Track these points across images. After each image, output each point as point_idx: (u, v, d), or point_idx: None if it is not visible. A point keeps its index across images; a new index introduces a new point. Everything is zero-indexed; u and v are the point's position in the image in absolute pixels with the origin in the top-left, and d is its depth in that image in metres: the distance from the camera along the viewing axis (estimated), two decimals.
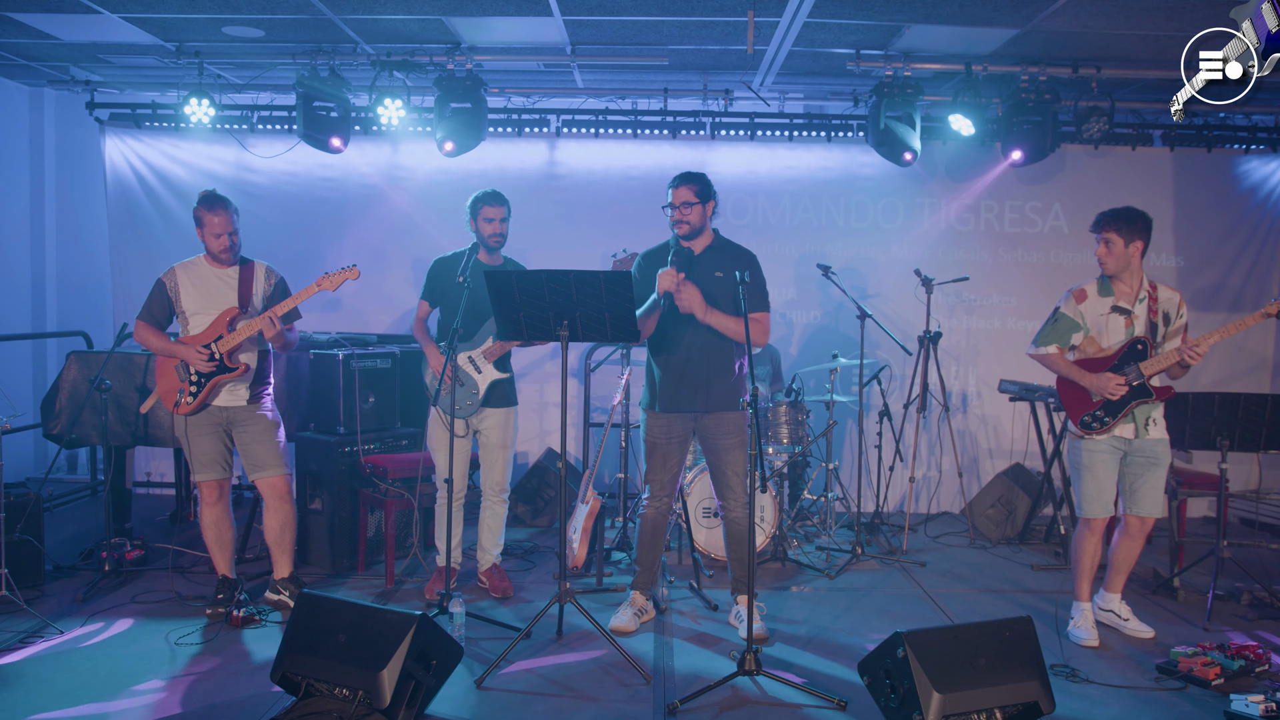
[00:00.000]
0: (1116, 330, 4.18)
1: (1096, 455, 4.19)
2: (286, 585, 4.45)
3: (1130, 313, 4.17)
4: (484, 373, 4.60)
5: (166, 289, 4.30)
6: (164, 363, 4.29)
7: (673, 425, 4.22)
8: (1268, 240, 7.00)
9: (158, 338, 4.29)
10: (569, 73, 6.40)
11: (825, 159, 6.94)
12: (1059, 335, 4.26)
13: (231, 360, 4.22)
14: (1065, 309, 4.26)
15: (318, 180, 6.90)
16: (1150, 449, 4.17)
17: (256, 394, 4.37)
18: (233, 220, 4.26)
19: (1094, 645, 4.21)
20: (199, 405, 4.24)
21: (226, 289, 4.30)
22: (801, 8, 4.97)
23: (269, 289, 4.41)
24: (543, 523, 6.28)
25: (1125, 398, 4.12)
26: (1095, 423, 4.17)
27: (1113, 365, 4.15)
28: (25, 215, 7.12)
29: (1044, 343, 4.29)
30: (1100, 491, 4.20)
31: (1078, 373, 4.19)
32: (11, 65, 6.44)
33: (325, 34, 5.67)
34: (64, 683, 3.64)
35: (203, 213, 4.23)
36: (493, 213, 4.54)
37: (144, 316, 4.30)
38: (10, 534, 4.43)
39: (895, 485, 6.64)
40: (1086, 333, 4.23)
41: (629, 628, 4.27)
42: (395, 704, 3.15)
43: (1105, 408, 4.15)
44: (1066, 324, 4.25)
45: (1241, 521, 6.58)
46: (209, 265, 4.33)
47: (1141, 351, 4.13)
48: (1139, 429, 4.16)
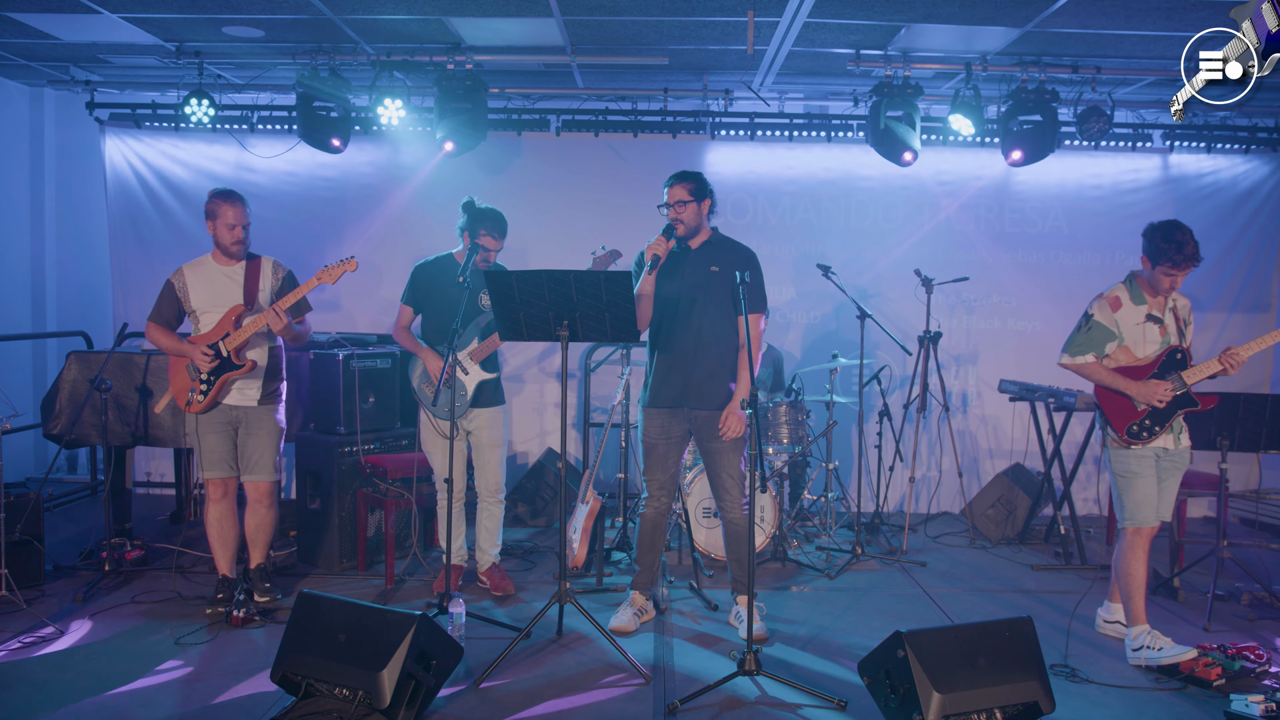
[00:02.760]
0: (1152, 340, 4.09)
1: (1143, 463, 4.07)
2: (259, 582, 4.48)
3: (1163, 321, 4.10)
4: (471, 373, 4.61)
5: (175, 289, 4.34)
6: (176, 362, 4.34)
7: (669, 424, 4.22)
8: (1268, 241, 7.00)
9: (167, 337, 4.34)
10: (569, 73, 6.39)
11: (825, 159, 6.94)
12: (1094, 344, 4.13)
13: (239, 357, 4.24)
14: (1099, 316, 4.13)
15: (318, 180, 6.90)
16: (1180, 457, 4.14)
17: (268, 393, 4.40)
18: (245, 214, 4.32)
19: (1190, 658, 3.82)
20: (210, 403, 4.27)
21: (233, 285, 4.34)
22: (801, 8, 4.97)
23: (276, 283, 4.44)
24: (542, 523, 6.27)
25: (1171, 407, 4.03)
26: (1144, 432, 4.05)
27: (1153, 374, 4.06)
28: (25, 215, 7.12)
29: (1079, 352, 4.14)
30: (1148, 499, 4.07)
31: (1123, 381, 4.06)
32: (11, 65, 6.44)
33: (325, 34, 5.67)
34: (64, 683, 3.64)
35: (219, 203, 4.28)
36: (491, 244, 4.56)
37: (154, 317, 4.35)
38: (10, 534, 4.44)
39: (895, 485, 6.64)
40: (1121, 341, 4.12)
41: (629, 628, 4.27)
42: (395, 704, 3.16)
43: (1152, 416, 4.05)
44: (1101, 332, 4.13)
45: (1241, 521, 6.58)
46: (215, 263, 4.37)
47: (1181, 361, 4.06)
48: (1175, 439, 4.11)
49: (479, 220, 4.56)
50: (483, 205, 4.63)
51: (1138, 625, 4.05)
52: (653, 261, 4.02)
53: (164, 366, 5.27)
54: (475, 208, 4.61)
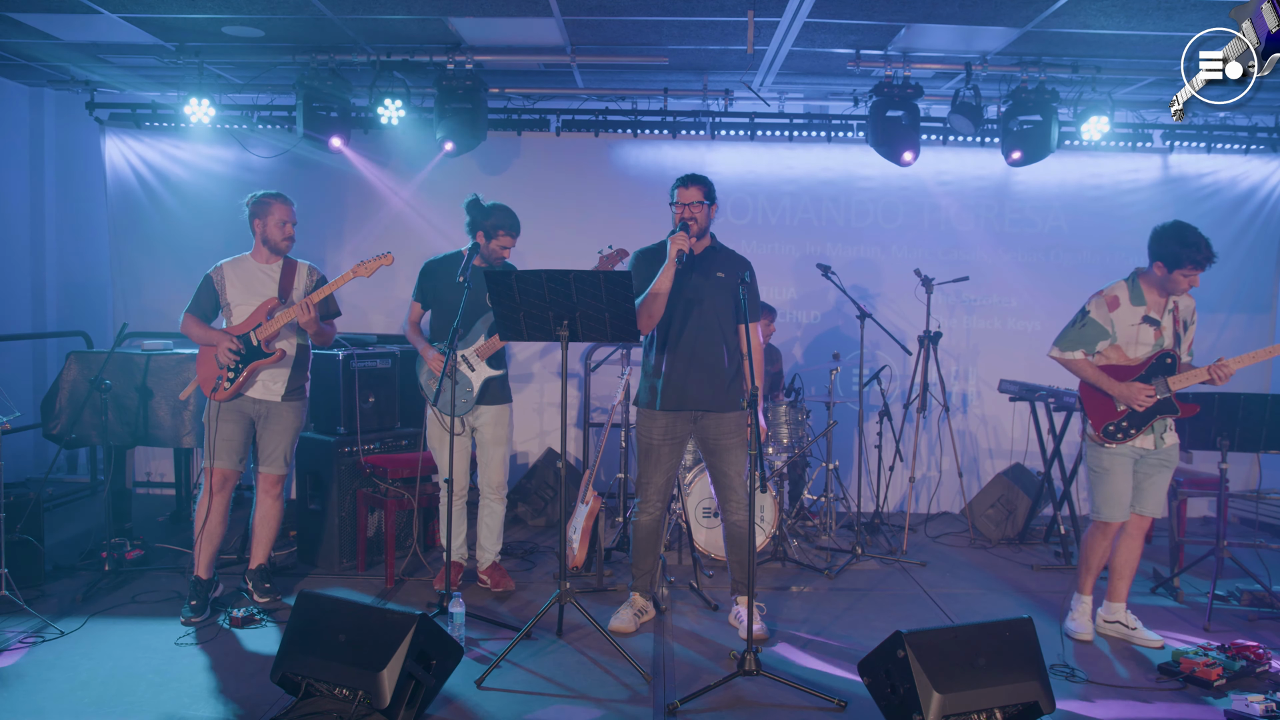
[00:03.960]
0: (1146, 342, 4.12)
1: (1118, 459, 4.15)
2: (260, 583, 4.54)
3: (1159, 324, 4.11)
4: (477, 370, 4.62)
5: (214, 283, 4.48)
6: (205, 351, 4.44)
7: (672, 424, 4.22)
8: (1268, 240, 6.99)
9: (200, 328, 4.45)
10: (569, 73, 6.39)
11: (825, 159, 6.94)
12: (1086, 341, 4.17)
13: (268, 346, 4.37)
14: (1095, 314, 4.16)
15: (318, 180, 6.90)
16: (1164, 454, 4.17)
17: (292, 389, 4.50)
18: (294, 212, 4.52)
19: (1086, 640, 4.24)
20: (235, 392, 4.37)
21: (269, 281, 4.48)
22: (801, 8, 4.97)
23: (310, 285, 4.57)
24: (542, 523, 6.27)
25: (1150, 411, 4.07)
26: (1119, 433, 4.11)
27: (1139, 376, 4.09)
28: (25, 215, 7.12)
29: (1069, 347, 4.19)
30: (1118, 496, 4.16)
31: (1106, 380, 4.11)
32: (11, 65, 6.44)
33: (325, 34, 5.66)
34: (64, 683, 3.64)
35: (271, 202, 4.48)
36: (507, 241, 4.61)
37: (191, 309, 4.48)
38: (10, 534, 4.43)
39: (895, 485, 6.64)
40: (1113, 341, 4.15)
41: (628, 628, 4.27)
42: (395, 704, 3.16)
43: (1130, 419, 4.10)
44: (1095, 330, 4.16)
45: (1241, 521, 6.58)
46: (255, 261, 4.52)
47: (1170, 366, 4.08)
48: (1157, 440, 4.14)
49: (487, 217, 4.57)
50: (489, 202, 4.63)
51: (1080, 594, 4.35)
52: (679, 255, 4.00)
53: (164, 367, 5.29)
54: (481, 205, 4.61)
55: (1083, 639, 4.24)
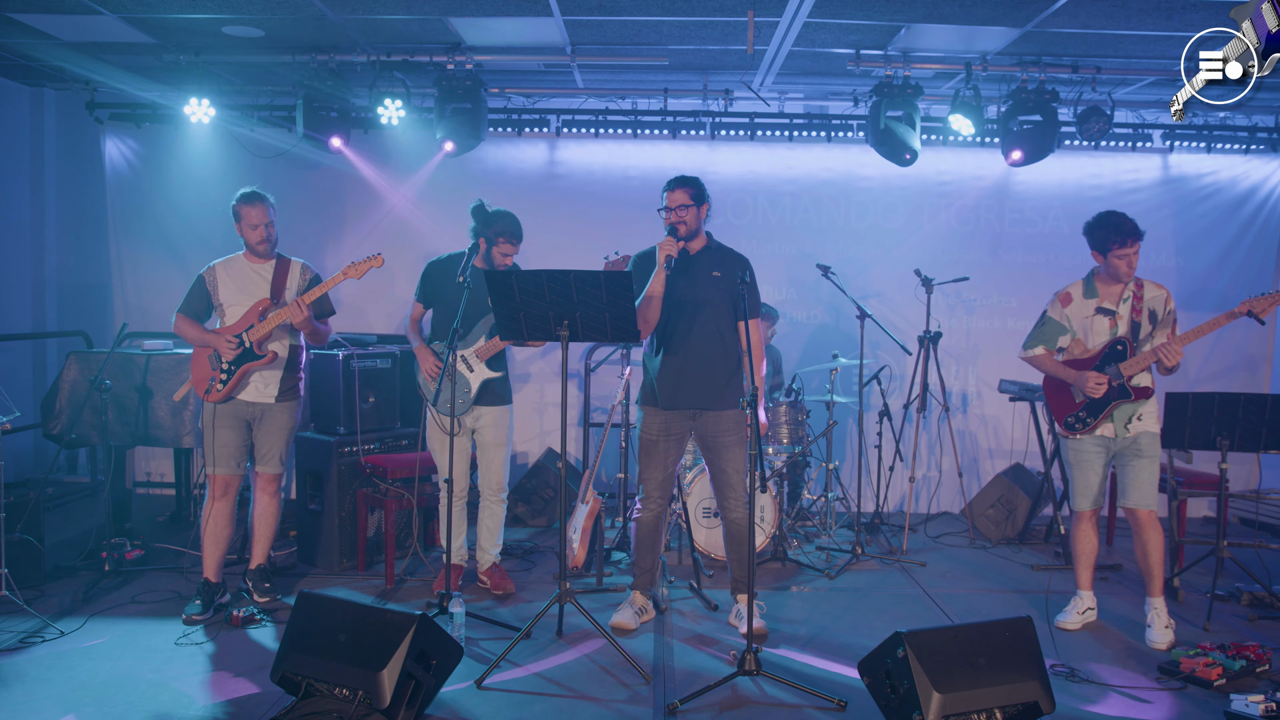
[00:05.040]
0: (1101, 332, 4.28)
1: (1083, 453, 4.32)
2: (260, 583, 4.54)
3: (1114, 313, 4.25)
4: (476, 371, 4.61)
5: (205, 283, 4.46)
6: (199, 352, 4.43)
7: (670, 421, 4.22)
8: (1268, 240, 6.99)
9: (194, 328, 4.43)
10: (569, 73, 6.39)
11: (825, 159, 6.94)
12: (1045, 338, 4.41)
13: (260, 348, 4.34)
14: (1051, 312, 4.41)
15: (317, 180, 6.90)
16: (1134, 444, 4.25)
17: (286, 390, 4.48)
18: (269, 214, 4.44)
19: (1073, 629, 4.39)
20: (228, 394, 4.35)
21: (261, 282, 4.46)
22: (801, 8, 4.97)
23: (303, 284, 4.54)
24: (542, 523, 6.27)
25: (1106, 398, 4.21)
26: (1078, 423, 4.29)
27: (1094, 365, 4.25)
28: (25, 215, 7.11)
29: (1031, 345, 4.46)
30: (1087, 487, 4.34)
31: (1063, 370, 4.33)
32: (11, 65, 6.44)
33: (325, 34, 5.66)
34: (64, 683, 3.64)
35: (240, 207, 4.41)
36: (508, 249, 4.59)
37: (182, 310, 4.46)
38: (10, 534, 4.43)
39: (895, 485, 6.64)
40: (1073, 335, 4.34)
41: (629, 626, 4.28)
42: (395, 704, 3.16)
43: (1088, 408, 4.26)
44: (1053, 327, 4.39)
45: (1241, 521, 6.58)
46: (247, 261, 4.49)
47: (1121, 352, 4.21)
48: (1118, 429, 4.24)
49: (490, 225, 4.56)
50: (494, 208, 4.62)
51: (1078, 589, 4.48)
52: (667, 261, 4.03)
53: (164, 367, 5.29)
54: (486, 211, 4.59)
55: (1068, 628, 4.40)
